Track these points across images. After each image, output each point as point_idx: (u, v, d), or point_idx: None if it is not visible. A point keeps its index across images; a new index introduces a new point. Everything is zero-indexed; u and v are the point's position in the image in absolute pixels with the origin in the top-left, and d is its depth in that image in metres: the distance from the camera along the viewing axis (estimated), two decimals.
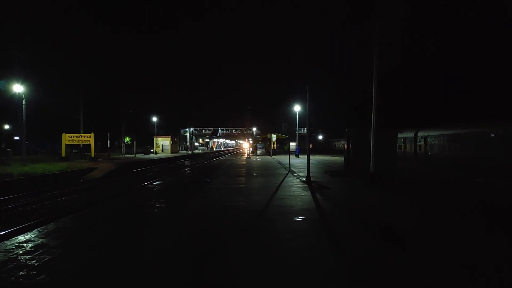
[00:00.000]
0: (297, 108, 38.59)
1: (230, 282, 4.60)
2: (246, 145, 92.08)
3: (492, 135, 18.69)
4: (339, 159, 33.13)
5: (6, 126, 52.57)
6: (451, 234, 6.96)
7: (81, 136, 35.43)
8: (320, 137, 78.58)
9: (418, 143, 27.97)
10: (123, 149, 43.95)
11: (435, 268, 5.06)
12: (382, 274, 4.84)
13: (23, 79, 29.57)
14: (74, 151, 44.12)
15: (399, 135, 22.33)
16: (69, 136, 34.10)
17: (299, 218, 8.20)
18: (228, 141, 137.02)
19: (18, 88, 28.80)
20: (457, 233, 7.04)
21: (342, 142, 27.95)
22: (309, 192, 12.46)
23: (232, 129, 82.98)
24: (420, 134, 27.73)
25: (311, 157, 16.69)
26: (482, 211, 9.30)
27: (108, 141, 39.66)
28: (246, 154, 52.53)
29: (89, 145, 34.77)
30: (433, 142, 25.54)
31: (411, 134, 28.82)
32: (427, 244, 6.19)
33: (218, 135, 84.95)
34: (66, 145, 34.29)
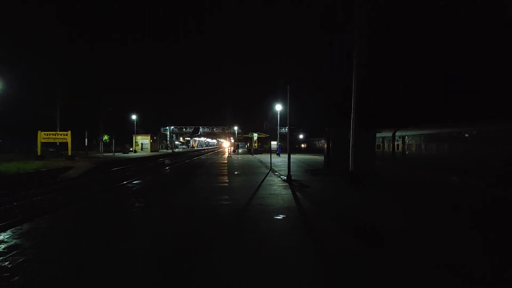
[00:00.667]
0: (278, 107, 38.66)
1: (215, 279, 4.59)
2: (227, 144, 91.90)
3: (466, 135, 19.29)
4: (319, 158, 33.48)
5: None
6: (426, 231, 7.16)
7: (57, 134, 34.45)
8: (301, 136, 79.16)
9: (396, 143, 28.57)
10: (101, 148, 43.04)
11: (409, 266, 5.19)
12: (358, 271, 4.93)
13: None
14: (50, 149, 42.91)
15: (378, 135, 22.77)
16: (45, 134, 33.11)
17: (280, 217, 8.25)
18: (209, 140, 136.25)
19: None
20: (433, 231, 7.25)
21: (323, 141, 28.26)
22: (290, 190, 12.55)
23: (214, 127, 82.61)
24: (398, 133, 28.33)
25: (292, 156, 16.82)
26: (459, 210, 9.59)
27: (86, 139, 38.72)
28: (227, 153, 52.40)
29: (66, 143, 33.86)
30: (410, 142, 26.15)
31: (390, 134, 29.41)
32: (402, 242, 6.35)
33: (199, 133, 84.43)
34: (42, 143, 33.29)
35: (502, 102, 34.41)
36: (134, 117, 58.41)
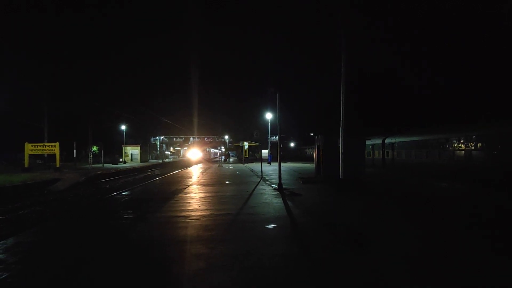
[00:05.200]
0: (268, 115, 38.74)
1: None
2: (218, 153, 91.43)
3: (454, 141, 19.54)
4: (310, 166, 33.53)
5: None
6: (415, 237, 7.18)
7: (45, 145, 33.95)
8: (292, 144, 79.41)
9: (386, 150, 28.80)
10: (90, 159, 42.49)
11: (398, 272, 5.18)
12: (346, 277, 4.91)
13: None
14: (38, 161, 42.20)
15: (368, 142, 22.92)
16: (32, 146, 32.60)
17: (271, 226, 8.20)
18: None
19: None
20: (421, 236, 7.27)
21: (313, 149, 28.37)
22: (281, 199, 12.51)
23: (204, 137, 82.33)
24: (387, 141, 28.58)
25: (283, 164, 16.83)
26: (451, 216, 9.66)
27: (75, 151, 38.26)
28: (218, 162, 52.18)
29: (54, 155, 33.39)
30: (399, 149, 26.40)
31: (379, 141, 29.66)
32: (388, 246, 6.35)
33: (189, 143, 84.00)
34: (30, 155, 32.76)
35: (490, 107, 35.20)
36: (123, 127, 57.93)
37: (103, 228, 8.48)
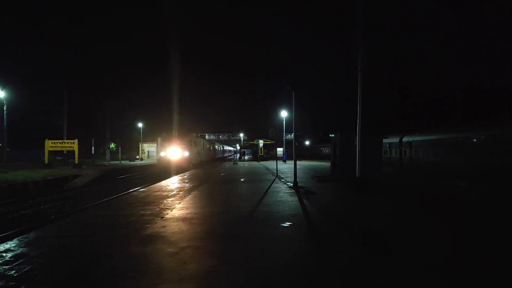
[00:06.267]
0: (283, 113, 38.74)
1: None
2: (233, 151, 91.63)
3: (475, 140, 19.08)
4: (326, 164, 33.31)
5: None
6: (434, 238, 7.04)
7: (64, 142, 34.76)
8: (307, 142, 79.11)
9: (403, 149, 28.36)
10: (108, 156, 43.32)
11: (418, 273, 5.08)
12: (364, 277, 4.84)
13: (3, 85, 28.94)
14: (57, 157, 43.23)
15: (385, 141, 22.61)
16: (52, 143, 33.40)
17: (286, 224, 8.17)
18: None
19: None
20: (440, 237, 7.12)
21: (329, 147, 28.14)
22: (296, 197, 12.46)
23: (219, 134, 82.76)
24: (405, 139, 28.13)
25: (298, 162, 16.75)
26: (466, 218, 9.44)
27: (93, 148, 39.00)
28: (233, 160, 52.35)
29: (73, 151, 34.13)
30: (417, 148, 25.94)
31: (396, 140, 29.22)
32: (411, 249, 6.24)
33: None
34: (50, 152, 33.57)
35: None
36: (140, 125, 58.77)
37: (119, 224, 8.59)
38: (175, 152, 29.88)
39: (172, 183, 18.31)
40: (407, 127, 34.86)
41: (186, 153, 30.28)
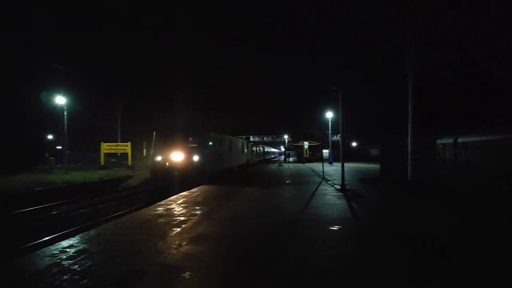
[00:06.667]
0: (329, 114, 38.16)
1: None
2: (277, 153, 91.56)
3: None
4: (374, 166, 32.27)
5: (49, 136, 55.29)
6: (491, 245, 6.56)
7: (118, 145, 36.71)
8: (354, 144, 77.22)
9: (458, 150, 26.76)
10: None
11: (480, 280, 4.76)
12: (423, 284, 4.62)
13: (64, 91, 31.10)
14: (112, 159, 45.73)
15: (438, 142, 21.48)
16: (107, 145, 35.43)
17: (335, 227, 8.02)
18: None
19: (60, 99, 30.37)
20: (498, 246, 6.62)
21: (378, 149, 27.26)
22: (344, 200, 12.19)
23: (264, 136, 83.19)
24: (460, 140, 26.55)
25: (345, 164, 16.39)
26: None
27: (144, 150, 40.84)
28: (278, 162, 52.32)
29: (126, 154, 35.98)
30: (474, 149, 24.34)
31: (451, 141, 27.65)
32: (469, 257, 5.86)
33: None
34: (105, 154, 35.63)
35: None
36: None
37: (174, 222, 8.90)
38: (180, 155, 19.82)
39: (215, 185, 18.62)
40: (462, 127, 32.83)
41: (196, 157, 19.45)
